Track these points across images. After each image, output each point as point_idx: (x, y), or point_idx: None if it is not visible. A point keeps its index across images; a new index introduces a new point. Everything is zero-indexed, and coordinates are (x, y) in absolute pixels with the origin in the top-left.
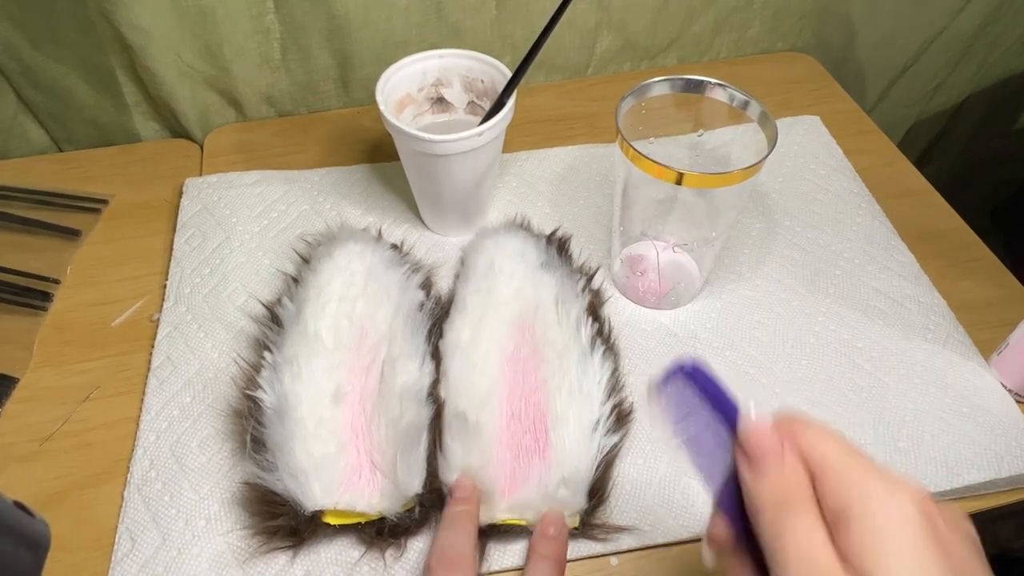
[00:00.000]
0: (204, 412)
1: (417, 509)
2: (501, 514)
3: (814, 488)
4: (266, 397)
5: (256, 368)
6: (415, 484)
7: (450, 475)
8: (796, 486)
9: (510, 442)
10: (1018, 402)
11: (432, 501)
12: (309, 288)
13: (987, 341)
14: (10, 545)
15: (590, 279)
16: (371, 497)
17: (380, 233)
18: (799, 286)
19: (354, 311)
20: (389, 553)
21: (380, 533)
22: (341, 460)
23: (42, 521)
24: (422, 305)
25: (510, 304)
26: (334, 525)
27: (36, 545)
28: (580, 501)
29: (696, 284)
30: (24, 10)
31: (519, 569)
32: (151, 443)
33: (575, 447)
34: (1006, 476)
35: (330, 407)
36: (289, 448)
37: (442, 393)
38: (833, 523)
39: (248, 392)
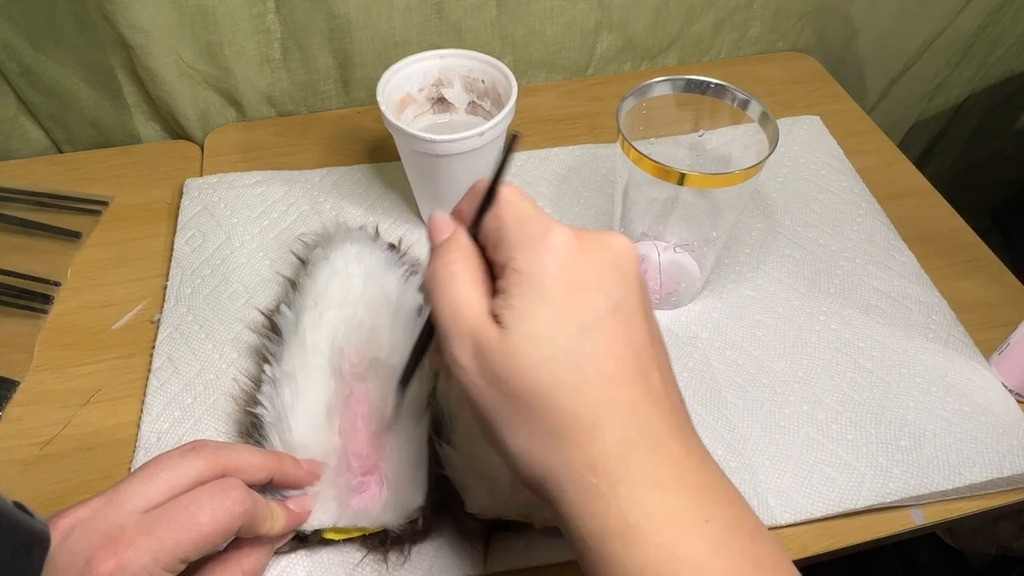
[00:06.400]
0: (205, 413)
1: (420, 520)
2: (508, 511)
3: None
4: (266, 413)
5: (256, 382)
6: (418, 496)
7: (460, 469)
8: (456, 250)
9: None
10: (1019, 402)
11: (436, 511)
12: (307, 295)
13: (988, 341)
14: (10, 545)
15: None
16: (372, 511)
17: (377, 232)
18: (800, 286)
19: (353, 318)
20: (392, 557)
21: (383, 543)
22: (341, 478)
23: (42, 521)
24: (420, 309)
25: None
26: (337, 540)
27: (36, 545)
28: None
29: (697, 284)
30: (24, 11)
31: (520, 570)
32: (152, 444)
33: None
34: (1007, 475)
35: (328, 423)
36: None
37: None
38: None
39: (248, 409)
